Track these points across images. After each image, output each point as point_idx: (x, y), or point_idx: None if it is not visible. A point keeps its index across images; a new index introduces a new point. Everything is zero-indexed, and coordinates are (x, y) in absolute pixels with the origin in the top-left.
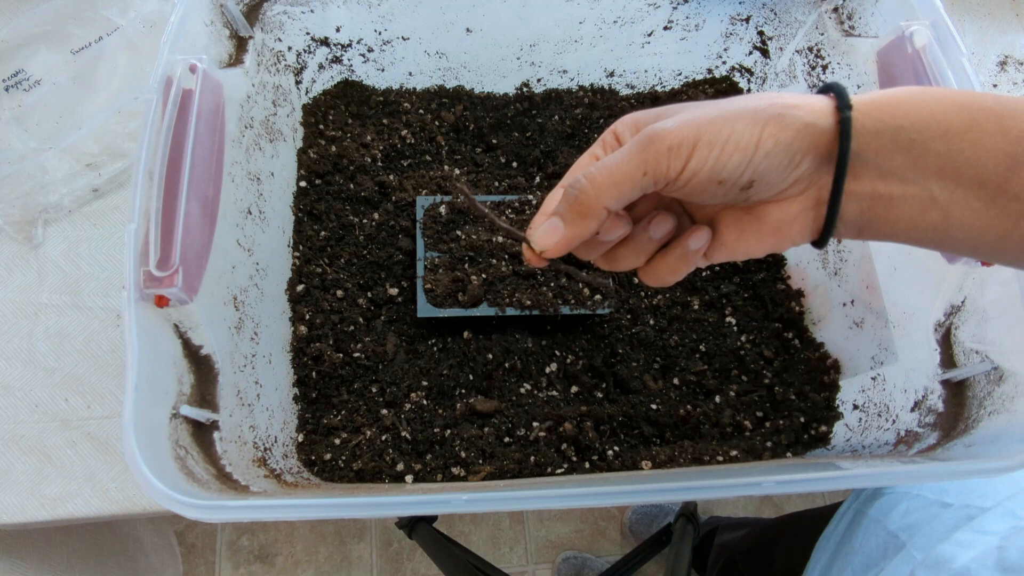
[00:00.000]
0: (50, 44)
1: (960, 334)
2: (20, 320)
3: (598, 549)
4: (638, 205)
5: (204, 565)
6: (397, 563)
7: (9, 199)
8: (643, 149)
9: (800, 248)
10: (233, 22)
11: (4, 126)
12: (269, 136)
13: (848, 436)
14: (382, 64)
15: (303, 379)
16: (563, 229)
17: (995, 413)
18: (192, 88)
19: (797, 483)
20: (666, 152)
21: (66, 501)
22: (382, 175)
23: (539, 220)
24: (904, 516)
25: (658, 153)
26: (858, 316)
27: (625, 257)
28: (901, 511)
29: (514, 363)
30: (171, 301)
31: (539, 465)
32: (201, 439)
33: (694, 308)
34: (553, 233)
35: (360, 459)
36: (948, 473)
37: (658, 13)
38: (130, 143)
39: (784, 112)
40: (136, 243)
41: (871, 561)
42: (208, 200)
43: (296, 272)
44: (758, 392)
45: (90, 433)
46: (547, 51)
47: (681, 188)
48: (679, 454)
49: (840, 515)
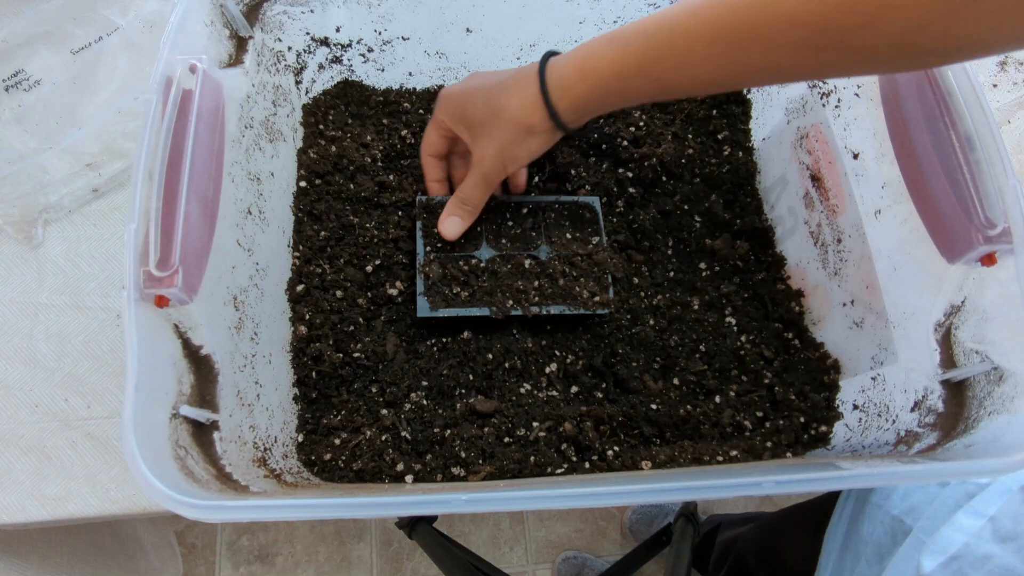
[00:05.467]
0: (50, 44)
1: (960, 334)
2: (20, 320)
3: (598, 549)
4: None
5: (204, 565)
6: (397, 563)
7: (9, 199)
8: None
9: (800, 248)
10: (233, 22)
11: (4, 126)
12: (269, 136)
13: (848, 436)
14: (382, 64)
15: (303, 379)
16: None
17: (995, 413)
18: (192, 88)
19: (797, 483)
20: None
21: (66, 501)
22: (382, 175)
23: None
24: (904, 499)
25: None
26: (858, 316)
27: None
28: (900, 494)
29: (514, 363)
30: (171, 301)
31: (539, 465)
32: (201, 439)
33: (694, 308)
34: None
35: (360, 459)
36: (948, 473)
37: None
38: (130, 143)
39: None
40: (136, 243)
41: (883, 550)
42: (208, 200)
43: (296, 272)
44: (758, 392)
45: (90, 433)
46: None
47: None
48: (679, 454)
49: (842, 502)
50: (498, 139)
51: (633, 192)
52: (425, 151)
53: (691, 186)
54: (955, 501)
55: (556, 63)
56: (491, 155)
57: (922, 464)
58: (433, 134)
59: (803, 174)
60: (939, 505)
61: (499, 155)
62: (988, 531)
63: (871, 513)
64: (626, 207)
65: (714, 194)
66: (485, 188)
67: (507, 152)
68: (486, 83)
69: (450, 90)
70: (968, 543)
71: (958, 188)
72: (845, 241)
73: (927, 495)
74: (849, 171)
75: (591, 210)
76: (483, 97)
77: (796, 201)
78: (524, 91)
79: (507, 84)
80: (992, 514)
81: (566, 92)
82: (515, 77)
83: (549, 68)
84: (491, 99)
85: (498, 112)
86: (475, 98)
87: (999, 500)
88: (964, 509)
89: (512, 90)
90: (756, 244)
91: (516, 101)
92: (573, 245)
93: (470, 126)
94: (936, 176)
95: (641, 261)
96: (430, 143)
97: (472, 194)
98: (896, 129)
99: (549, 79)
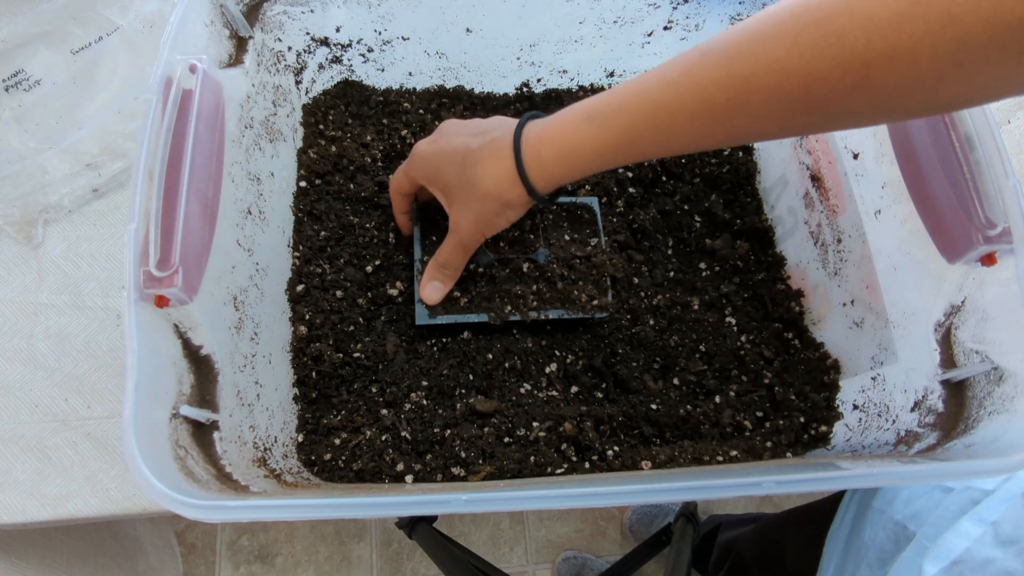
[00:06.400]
0: (50, 44)
1: (960, 334)
2: (20, 320)
3: (598, 549)
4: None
5: (204, 565)
6: (397, 563)
7: (9, 199)
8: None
9: (800, 248)
10: (233, 22)
11: (4, 126)
12: (269, 136)
13: (848, 436)
14: (382, 64)
15: (303, 379)
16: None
17: (995, 413)
18: (192, 88)
19: (797, 483)
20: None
21: (66, 501)
22: (382, 175)
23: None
24: (908, 504)
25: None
26: (858, 316)
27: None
28: (904, 499)
29: (514, 363)
30: (171, 301)
31: (539, 465)
32: (201, 439)
33: (694, 308)
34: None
35: (360, 459)
36: (948, 473)
37: (658, 13)
38: (130, 143)
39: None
40: (136, 243)
41: (885, 555)
42: (208, 200)
43: (296, 272)
44: (758, 392)
45: (90, 433)
46: (547, 51)
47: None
48: (679, 454)
49: (844, 507)
50: (474, 209)
51: (633, 192)
52: (394, 189)
53: (691, 186)
54: (959, 507)
55: (530, 138)
56: (467, 224)
57: (922, 464)
58: (404, 181)
59: (803, 174)
60: (943, 511)
61: (476, 225)
62: (990, 536)
63: (873, 518)
64: (626, 207)
65: (714, 194)
66: (464, 254)
67: (484, 222)
68: (459, 147)
69: (423, 149)
70: (969, 548)
71: (958, 188)
72: (845, 241)
73: (931, 501)
74: (849, 171)
75: (589, 211)
76: (457, 164)
77: (796, 201)
78: (499, 167)
79: (481, 155)
80: (994, 519)
81: (543, 169)
82: (488, 147)
83: (524, 144)
84: (465, 168)
85: (473, 183)
86: (448, 163)
87: (1002, 506)
88: (968, 516)
89: (486, 164)
90: (756, 244)
91: (491, 176)
92: (571, 247)
93: (444, 190)
94: (936, 176)
95: (641, 261)
96: (400, 184)
97: (451, 259)
98: (896, 129)
99: (525, 156)
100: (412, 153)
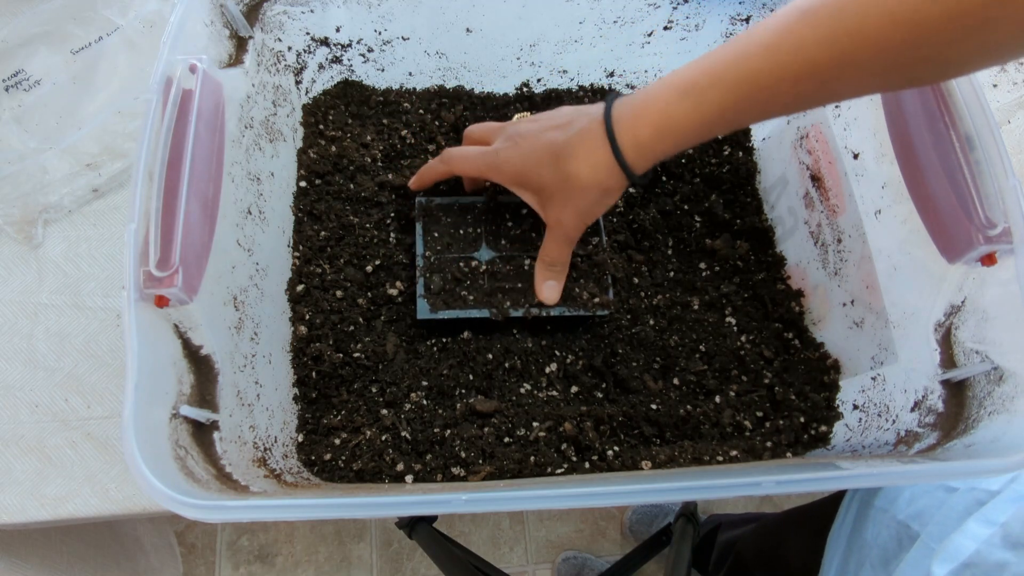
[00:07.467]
0: (50, 44)
1: (960, 334)
2: (20, 320)
3: (598, 549)
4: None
5: (204, 565)
6: (397, 563)
7: (9, 199)
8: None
9: (800, 248)
10: (233, 22)
11: (4, 126)
12: (269, 136)
13: (848, 436)
14: (382, 64)
15: (303, 379)
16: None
17: (995, 413)
18: (192, 88)
19: (797, 483)
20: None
21: (66, 501)
22: (382, 175)
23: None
24: (911, 504)
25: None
26: (858, 316)
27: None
28: (907, 499)
29: (514, 363)
30: (171, 301)
31: (539, 465)
32: (201, 439)
33: (694, 308)
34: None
35: (360, 459)
36: (948, 473)
37: (658, 13)
38: (130, 143)
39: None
40: (136, 243)
41: (889, 554)
42: (208, 200)
43: (296, 272)
44: (758, 392)
45: (90, 433)
46: (547, 51)
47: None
48: (679, 454)
49: (846, 506)
50: (574, 203)
51: (633, 192)
52: (425, 177)
53: (691, 186)
54: (964, 508)
55: (623, 120)
56: (569, 219)
57: (922, 464)
58: (440, 171)
59: (803, 174)
60: (948, 511)
61: (578, 218)
62: (999, 538)
63: (875, 517)
64: (626, 207)
65: (714, 194)
66: (570, 247)
67: (585, 213)
68: (545, 144)
69: (508, 155)
70: (979, 550)
71: (958, 188)
72: (845, 241)
73: (934, 501)
74: (849, 171)
75: None
76: (548, 162)
77: (796, 201)
78: (593, 155)
79: (571, 147)
80: (1003, 521)
81: (641, 150)
82: (577, 137)
83: (616, 127)
84: (558, 165)
85: (568, 179)
86: (538, 163)
87: (1011, 507)
88: (975, 516)
89: (579, 155)
90: (756, 244)
91: (587, 167)
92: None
93: (536, 191)
94: (936, 176)
95: (641, 261)
96: (434, 175)
97: (559, 256)
98: (896, 129)
99: (620, 140)
100: (493, 162)
